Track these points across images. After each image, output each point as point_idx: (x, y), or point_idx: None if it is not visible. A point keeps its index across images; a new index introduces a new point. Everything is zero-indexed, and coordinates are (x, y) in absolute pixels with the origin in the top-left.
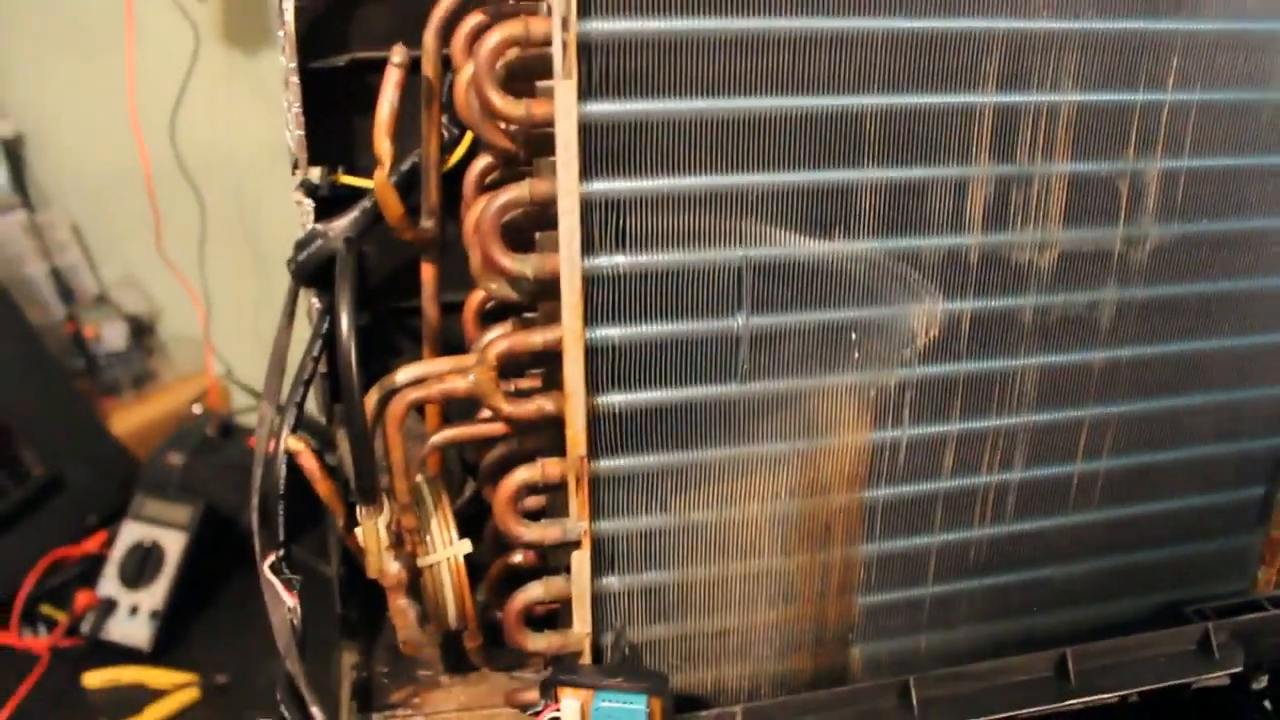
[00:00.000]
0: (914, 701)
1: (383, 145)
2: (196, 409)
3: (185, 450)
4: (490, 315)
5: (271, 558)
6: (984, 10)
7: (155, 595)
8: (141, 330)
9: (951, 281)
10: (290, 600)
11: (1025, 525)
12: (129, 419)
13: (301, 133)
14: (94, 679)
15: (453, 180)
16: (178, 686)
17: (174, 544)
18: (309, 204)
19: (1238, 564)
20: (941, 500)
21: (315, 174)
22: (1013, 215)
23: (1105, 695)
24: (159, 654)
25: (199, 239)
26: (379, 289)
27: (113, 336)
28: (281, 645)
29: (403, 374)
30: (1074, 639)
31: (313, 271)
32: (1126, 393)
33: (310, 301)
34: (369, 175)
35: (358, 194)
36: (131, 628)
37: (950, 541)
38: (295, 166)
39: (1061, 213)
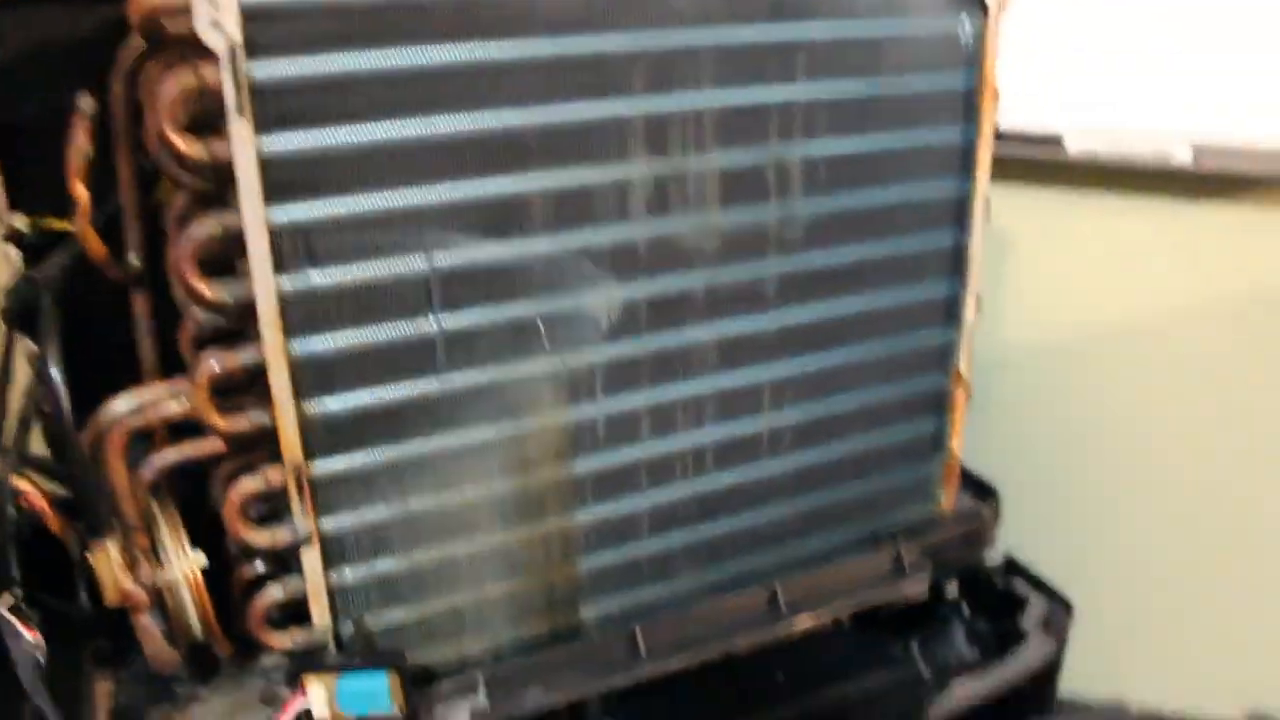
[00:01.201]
0: (641, 647)
1: (77, 190)
2: None
3: None
4: (208, 340)
5: (7, 597)
6: (629, 25)
7: None
8: None
9: (625, 269)
10: (30, 636)
11: (725, 478)
12: None
13: None
14: None
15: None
16: None
17: None
18: (14, 252)
19: (921, 491)
20: (644, 465)
21: (19, 221)
22: (673, 205)
23: (814, 621)
24: None
25: None
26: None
27: None
28: (27, 682)
29: (120, 403)
30: (784, 574)
31: (23, 317)
32: (799, 350)
33: (28, 346)
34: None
35: (62, 238)
36: None
37: (658, 501)
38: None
39: (719, 200)
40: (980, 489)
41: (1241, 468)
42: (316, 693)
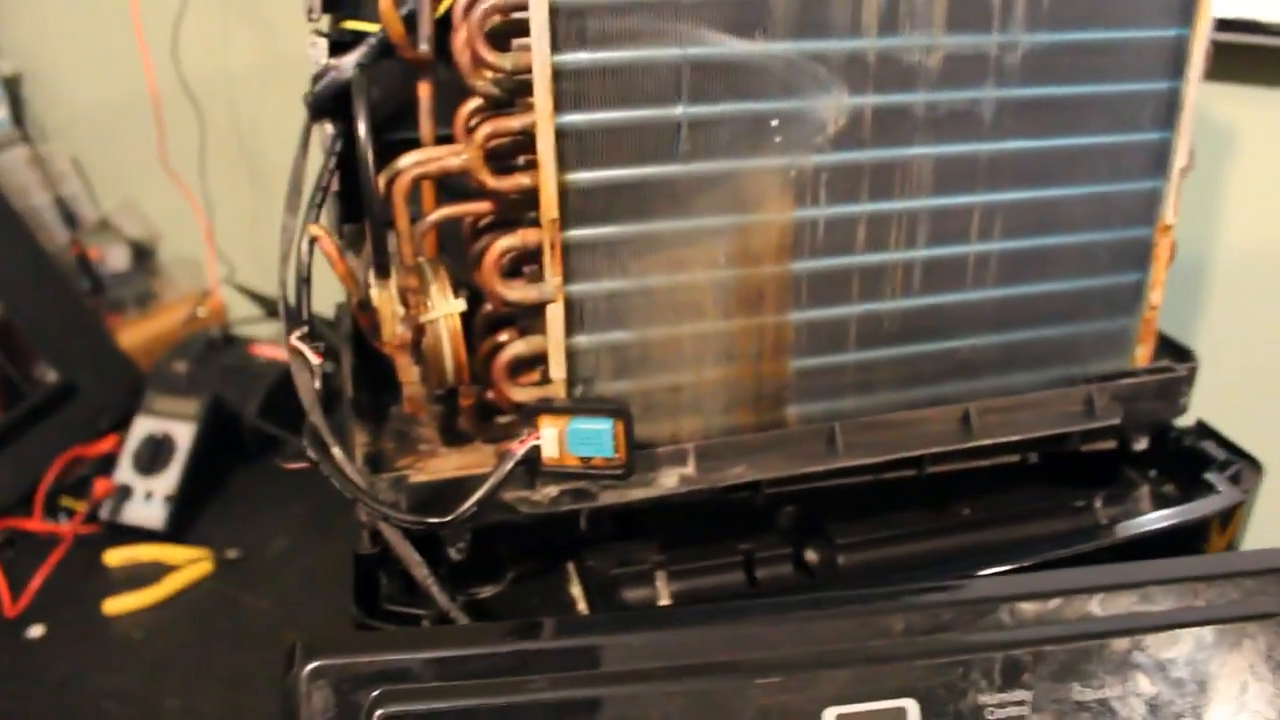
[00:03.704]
0: (839, 444)
1: None
2: (201, 312)
3: (190, 356)
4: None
5: (299, 331)
6: None
7: (168, 481)
8: (143, 253)
9: (855, 79)
10: (316, 360)
11: (930, 300)
12: (134, 335)
13: None
14: (114, 557)
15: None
16: (191, 561)
17: (184, 435)
18: (323, 43)
19: (1118, 344)
20: (857, 274)
21: (325, 21)
22: (901, 22)
23: (1003, 439)
24: (173, 534)
25: (199, 156)
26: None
27: (116, 258)
28: (307, 403)
29: (406, 159)
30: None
31: (326, 103)
32: (1011, 181)
33: (324, 130)
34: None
35: (360, 37)
36: (147, 511)
37: (867, 312)
38: (310, 12)
39: (943, 20)
40: (1178, 351)
41: None
42: (549, 432)
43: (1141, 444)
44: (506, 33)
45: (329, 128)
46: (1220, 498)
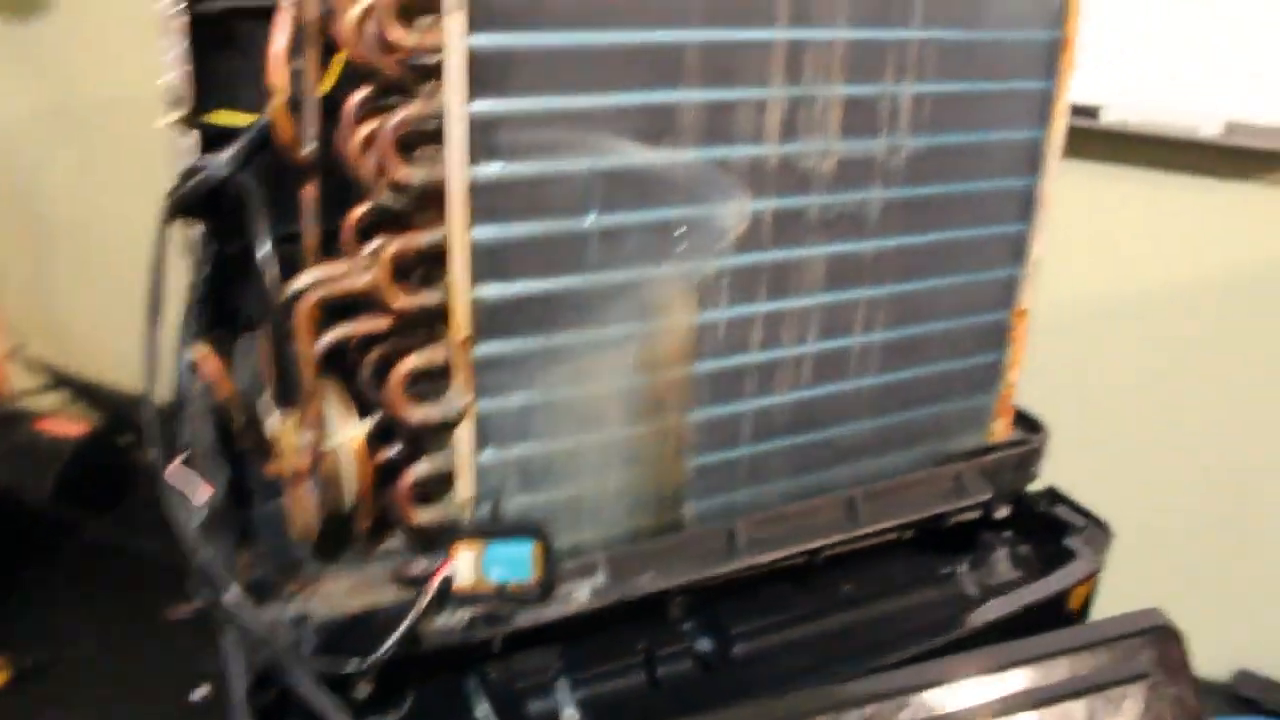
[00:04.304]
0: (740, 542)
1: (279, 75)
2: None
3: None
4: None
5: (175, 462)
6: None
7: None
8: None
9: (756, 184)
10: (205, 492)
11: (818, 391)
12: None
13: (189, 69)
14: None
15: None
16: None
17: None
18: (193, 136)
19: (979, 420)
20: (753, 371)
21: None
22: (800, 129)
23: (886, 524)
24: None
25: None
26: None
27: None
28: (190, 541)
29: (304, 279)
30: (860, 486)
31: (193, 202)
32: (892, 275)
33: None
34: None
35: (227, 132)
36: None
37: (761, 407)
38: (176, 106)
39: (838, 126)
40: (1029, 423)
41: (1259, 435)
42: (465, 558)
43: (1003, 512)
44: (408, 142)
45: (196, 230)
46: (1083, 564)
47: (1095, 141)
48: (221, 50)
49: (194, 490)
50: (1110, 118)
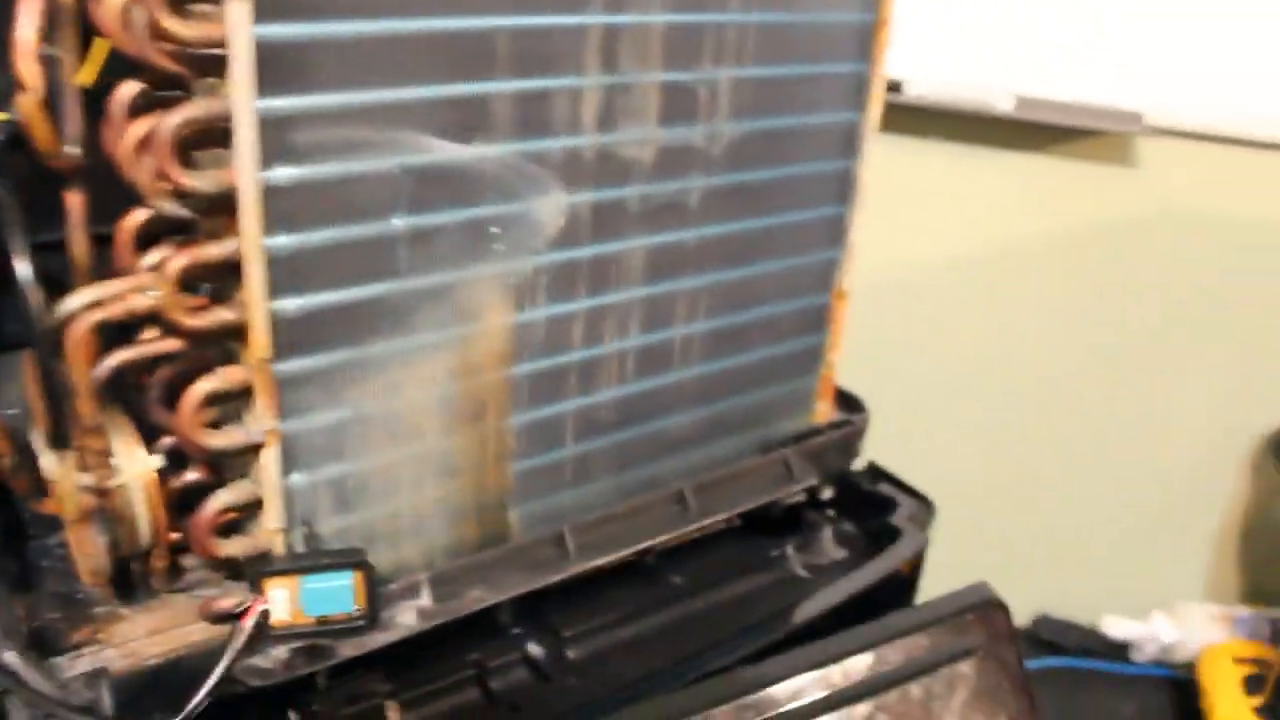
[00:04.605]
0: (570, 547)
1: (28, 68)
2: None
3: None
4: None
5: None
6: None
7: None
8: None
9: (573, 177)
10: None
11: (642, 385)
12: None
13: None
14: None
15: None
16: None
17: None
18: None
19: (802, 402)
20: (576, 370)
21: None
22: (618, 117)
23: (718, 517)
24: None
25: None
26: None
27: None
28: None
29: (76, 299)
30: (688, 479)
31: None
32: (714, 264)
33: None
34: None
35: None
36: None
37: (584, 406)
38: None
39: (657, 114)
40: (849, 402)
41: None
42: (279, 595)
43: (828, 493)
44: (190, 144)
45: None
46: (910, 541)
47: (899, 115)
48: None
49: None
50: (912, 92)
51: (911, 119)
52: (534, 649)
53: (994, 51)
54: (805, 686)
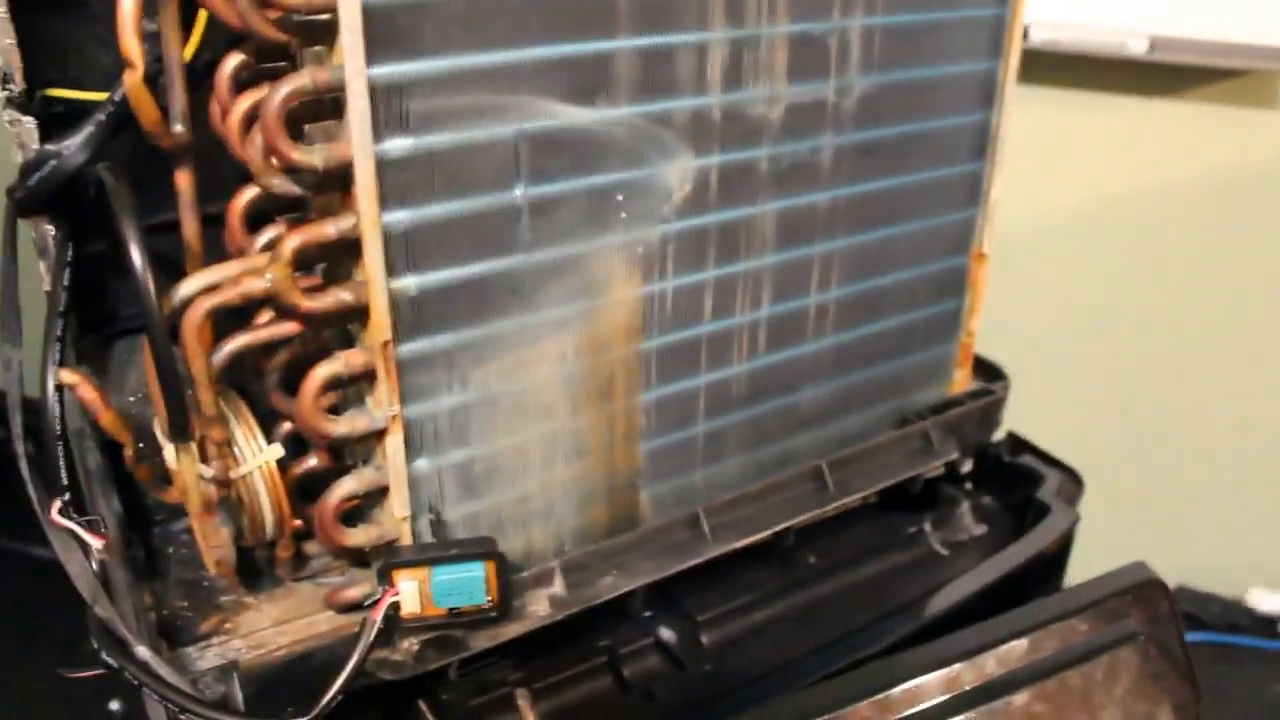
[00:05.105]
0: (705, 529)
1: (132, 45)
2: None
3: None
4: (268, 215)
5: (57, 503)
6: None
7: None
8: None
9: (700, 139)
10: (96, 541)
11: (775, 357)
12: None
13: (11, 41)
14: None
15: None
16: None
17: None
18: (30, 125)
19: (939, 371)
20: (705, 343)
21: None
22: (745, 75)
23: (858, 494)
24: None
25: None
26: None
27: None
28: (87, 592)
29: (189, 285)
30: (822, 454)
31: (45, 197)
32: (846, 227)
33: (34, 231)
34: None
35: (73, 111)
36: None
37: (715, 380)
38: (5, 81)
39: (785, 70)
40: (989, 370)
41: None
42: (408, 586)
43: (967, 466)
44: (299, 117)
45: (48, 229)
46: (1060, 517)
47: (1025, 62)
48: (55, 13)
49: (84, 541)
50: (1038, 37)
51: (1039, 66)
52: (667, 634)
53: None
54: (957, 675)
